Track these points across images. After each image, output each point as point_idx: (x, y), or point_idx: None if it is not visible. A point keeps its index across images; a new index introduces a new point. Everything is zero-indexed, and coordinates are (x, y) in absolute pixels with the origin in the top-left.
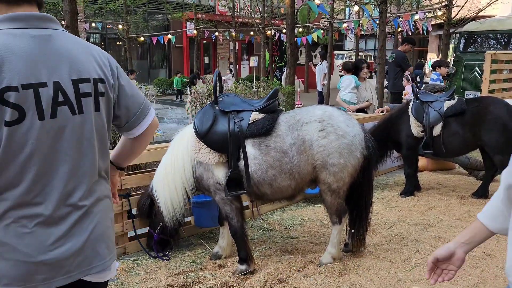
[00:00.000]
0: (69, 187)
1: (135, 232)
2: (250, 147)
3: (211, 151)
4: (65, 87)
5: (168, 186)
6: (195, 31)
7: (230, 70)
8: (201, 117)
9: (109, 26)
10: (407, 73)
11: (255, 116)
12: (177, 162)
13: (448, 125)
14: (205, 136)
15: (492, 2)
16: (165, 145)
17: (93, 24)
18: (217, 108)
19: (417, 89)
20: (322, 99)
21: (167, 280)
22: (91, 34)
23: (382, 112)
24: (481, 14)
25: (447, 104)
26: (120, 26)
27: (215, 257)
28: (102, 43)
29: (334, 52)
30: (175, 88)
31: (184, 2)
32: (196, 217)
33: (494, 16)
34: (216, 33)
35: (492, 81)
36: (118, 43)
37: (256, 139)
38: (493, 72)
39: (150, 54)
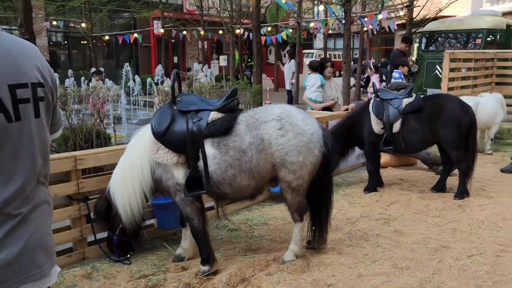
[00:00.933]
0: (5, 196)
1: (95, 237)
2: (209, 147)
3: (170, 152)
4: (0, 93)
5: (126, 188)
6: (162, 30)
7: (202, 70)
8: (159, 117)
9: (72, 25)
10: (371, 62)
11: (214, 115)
12: (135, 163)
13: (406, 122)
14: (163, 137)
15: (451, 3)
16: (125, 146)
17: (55, 23)
18: (175, 108)
19: (380, 86)
20: (291, 98)
21: (128, 285)
22: (53, 33)
23: (346, 110)
24: (441, 14)
25: (406, 101)
26: (83, 25)
27: (178, 259)
28: (65, 42)
29: (304, 51)
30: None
31: (150, 1)
32: (158, 219)
33: (454, 16)
34: (184, 32)
35: (451, 79)
36: (82, 42)
37: (215, 139)
38: (452, 70)
39: (117, 53)
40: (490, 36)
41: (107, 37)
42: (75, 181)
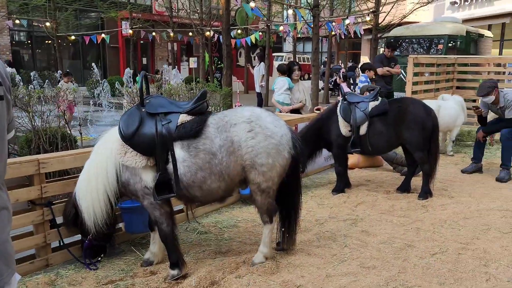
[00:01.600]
0: None
1: (62, 242)
2: (179, 150)
3: (138, 155)
4: None
5: (91, 193)
6: (130, 31)
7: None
8: (127, 120)
9: (36, 24)
10: (342, 71)
11: (183, 118)
12: (100, 167)
13: (373, 125)
14: (131, 139)
15: (415, 9)
16: (91, 149)
17: (18, 21)
18: (143, 110)
19: (348, 89)
20: (261, 100)
21: None
22: (16, 32)
23: (318, 109)
24: (405, 20)
25: (372, 104)
26: (47, 24)
27: (146, 264)
28: (29, 41)
29: (273, 54)
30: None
31: (118, 1)
32: (126, 223)
33: (417, 22)
34: (153, 33)
35: (415, 83)
36: (46, 41)
37: (185, 142)
38: (415, 74)
39: (83, 54)
40: (451, 42)
41: (73, 37)
42: (38, 186)
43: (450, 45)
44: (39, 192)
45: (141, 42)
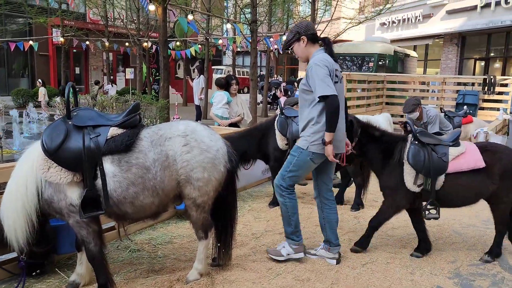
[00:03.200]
0: None
1: None
2: (109, 164)
3: (63, 170)
4: None
5: (12, 212)
6: (62, 39)
7: (111, 81)
8: (50, 133)
9: None
10: (282, 85)
11: (114, 131)
12: (20, 183)
13: None
14: (54, 153)
15: (348, 28)
16: (13, 164)
17: None
18: (70, 123)
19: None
20: (200, 113)
21: None
22: None
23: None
24: (339, 38)
25: None
26: None
27: (72, 287)
28: None
29: (213, 67)
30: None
31: (49, 7)
32: None
33: (350, 41)
34: (87, 42)
35: (348, 99)
36: None
37: (116, 156)
38: (348, 90)
39: (9, 61)
40: (381, 60)
41: None
42: None
43: (380, 63)
44: None
45: (74, 51)
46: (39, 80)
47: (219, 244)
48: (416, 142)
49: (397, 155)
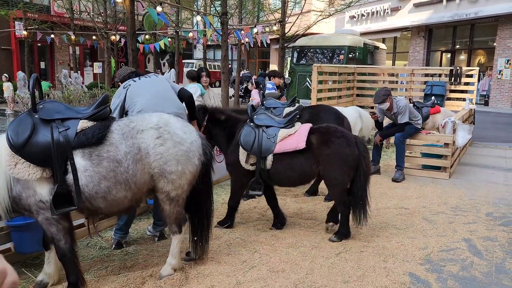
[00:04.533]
0: None
1: None
2: (80, 158)
3: (31, 166)
4: None
5: None
6: (25, 32)
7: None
8: (16, 127)
9: None
10: (253, 78)
11: (84, 124)
12: None
13: None
14: (21, 149)
15: (318, 21)
16: None
17: None
18: (36, 116)
19: (258, 96)
20: None
21: None
22: None
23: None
24: (310, 31)
25: (287, 110)
26: None
27: (39, 286)
28: None
29: (184, 61)
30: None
31: None
32: (16, 243)
33: (320, 33)
34: (52, 36)
35: (320, 90)
36: None
37: (86, 149)
38: (320, 82)
39: None
40: (351, 52)
41: None
42: None
43: (350, 55)
44: None
45: (39, 44)
46: (5, 74)
47: (195, 238)
48: (252, 124)
49: (236, 136)
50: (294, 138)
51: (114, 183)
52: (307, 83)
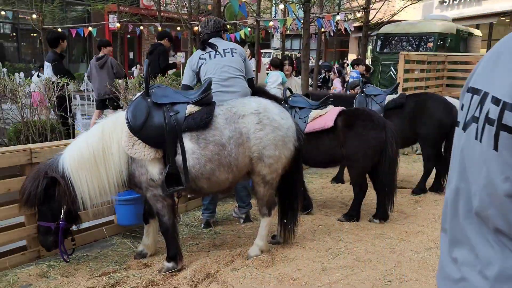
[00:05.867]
0: None
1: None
2: (188, 141)
3: (147, 147)
4: None
5: (98, 176)
6: (118, 24)
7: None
8: (134, 110)
9: (22, 16)
10: (335, 67)
11: (191, 108)
12: (112, 153)
13: (388, 118)
14: (139, 131)
15: (406, 7)
16: None
17: (3, 13)
18: (149, 100)
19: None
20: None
21: (87, 283)
22: (1, 24)
23: None
24: (395, 18)
25: (389, 98)
26: (34, 16)
27: (139, 256)
28: (14, 34)
29: (261, 51)
30: None
31: None
32: (119, 215)
33: (406, 20)
34: (141, 27)
35: (406, 80)
36: (32, 34)
37: (194, 133)
38: (406, 71)
39: (69, 47)
40: (441, 40)
41: (59, 30)
42: None
43: (440, 43)
44: None
45: (128, 36)
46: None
47: (284, 221)
48: (286, 105)
49: None
50: (324, 118)
51: (217, 166)
52: (391, 72)
